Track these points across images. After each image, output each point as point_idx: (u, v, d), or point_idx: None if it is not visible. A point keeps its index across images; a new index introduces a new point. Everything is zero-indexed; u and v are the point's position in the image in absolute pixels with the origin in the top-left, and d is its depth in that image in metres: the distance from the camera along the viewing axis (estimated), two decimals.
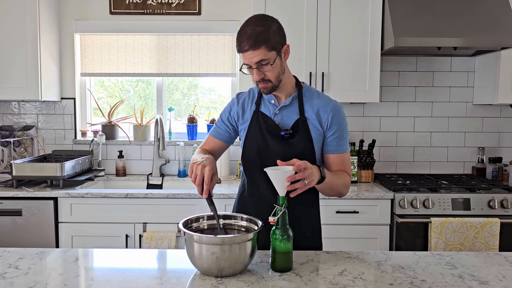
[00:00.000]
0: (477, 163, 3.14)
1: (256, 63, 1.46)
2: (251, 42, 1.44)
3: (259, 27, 1.45)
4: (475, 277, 1.31)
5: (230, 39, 3.16)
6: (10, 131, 3.12)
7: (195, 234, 1.25)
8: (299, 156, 1.52)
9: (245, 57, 1.47)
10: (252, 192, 1.65)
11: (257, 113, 1.63)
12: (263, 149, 1.59)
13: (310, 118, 1.58)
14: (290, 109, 1.60)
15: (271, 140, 1.58)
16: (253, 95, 1.68)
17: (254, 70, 1.49)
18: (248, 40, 1.44)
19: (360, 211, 2.56)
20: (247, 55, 1.46)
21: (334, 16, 2.74)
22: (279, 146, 1.57)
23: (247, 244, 1.26)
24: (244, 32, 1.46)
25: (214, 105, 3.37)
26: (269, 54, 1.46)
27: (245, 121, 1.66)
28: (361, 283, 1.25)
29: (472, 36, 2.60)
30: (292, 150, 1.56)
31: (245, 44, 1.45)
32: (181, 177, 3.10)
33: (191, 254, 1.28)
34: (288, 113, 1.60)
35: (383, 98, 3.14)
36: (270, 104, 1.62)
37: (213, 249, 1.23)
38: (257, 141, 1.61)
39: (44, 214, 2.54)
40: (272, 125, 1.59)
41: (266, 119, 1.61)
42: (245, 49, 1.45)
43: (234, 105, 1.69)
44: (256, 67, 1.48)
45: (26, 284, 1.22)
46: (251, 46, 1.44)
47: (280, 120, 1.60)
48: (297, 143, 1.57)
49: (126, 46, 3.18)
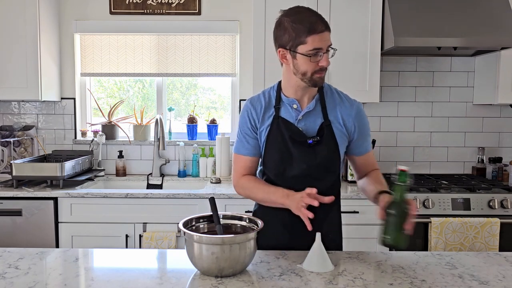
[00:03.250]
0: (477, 163, 3.14)
1: (329, 46, 1.41)
2: (326, 23, 1.39)
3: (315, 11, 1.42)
4: (475, 277, 1.30)
5: (230, 39, 3.16)
6: (10, 131, 3.12)
7: (195, 234, 1.25)
8: (324, 163, 1.50)
9: (320, 40, 1.38)
10: None
11: (277, 119, 1.52)
12: (286, 158, 1.50)
13: (335, 121, 1.51)
14: (314, 114, 1.51)
15: (295, 148, 1.49)
16: (269, 99, 1.56)
17: (324, 55, 1.41)
18: (321, 20, 1.39)
19: (360, 211, 2.56)
20: (323, 37, 1.39)
21: (334, 16, 2.74)
22: (304, 154, 1.49)
23: (247, 244, 1.26)
24: (313, 13, 1.40)
25: (214, 105, 3.37)
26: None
27: (264, 127, 1.54)
28: (361, 283, 1.25)
29: (472, 36, 2.60)
30: (317, 157, 1.49)
31: (321, 25, 1.38)
32: (181, 177, 3.10)
33: (191, 254, 1.28)
34: (312, 118, 1.51)
35: (383, 98, 3.14)
36: (292, 108, 1.52)
37: (213, 249, 1.23)
38: (279, 149, 1.51)
39: (44, 214, 2.54)
40: (296, 132, 1.49)
41: (288, 126, 1.50)
42: (322, 30, 1.38)
43: (251, 113, 1.56)
44: (327, 50, 1.41)
45: (26, 284, 1.22)
46: (327, 26, 1.39)
47: (304, 126, 1.51)
48: (323, 149, 1.49)
49: (126, 46, 3.18)
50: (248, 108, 1.57)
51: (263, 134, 1.54)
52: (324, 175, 1.53)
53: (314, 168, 1.50)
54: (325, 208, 1.53)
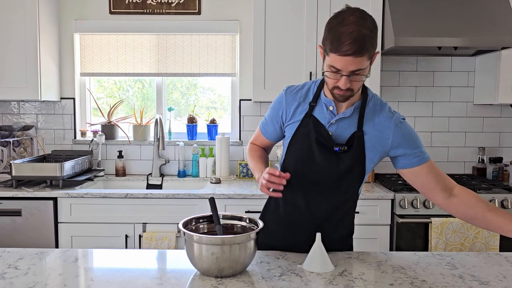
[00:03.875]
0: (477, 163, 3.14)
1: (351, 71, 1.26)
2: (356, 47, 1.21)
3: (365, 29, 1.23)
4: (476, 277, 1.30)
5: (230, 39, 3.15)
6: (9, 131, 3.11)
7: (195, 234, 1.25)
8: (346, 173, 1.43)
9: (341, 62, 1.25)
10: (286, 200, 1.51)
11: (309, 117, 1.44)
12: (307, 161, 1.44)
13: (369, 133, 1.42)
14: (348, 121, 1.43)
15: (319, 152, 1.42)
16: (307, 93, 1.48)
17: (343, 78, 1.27)
18: (353, 43, 1.21)
19: (360, 211, 2.55)
20: (346, 60, 1.24)
21: None
22: (327, 160, 1.42)
23: (247, 245, 1.26)
24: (348, 32, 1.22)
25: (214, 105, 3.36)
26: (366, 63, 1.27)
27: (293, 122, 1.47)
28: (361, 283, 1.25)
29: (472, 36, 2.59)
30: (341, 166, 1.42)
31: (348, 47, 1.21)
32: (181, 177, 3.10)
33: (191, 255, 1.27)
34: (345, 125, 1.42)
35: (383, 98, 3.12)
36: (327, 110, 1.43)
37: (213, 249, 1.23)
38: (302, 150, 1.44)
39: (43, 214, 2.54)
40: (324, 136, 1.41)
41: (318, 127, 1.42)
42: (348, 53, 1.22)
43: (282, 103, 1.50)
44: (348, 75, 1.27)
45: (26, 285, 1.22)
46: (355, 51, 1.22)
47: (334, 131, 1.43)
48: (348, 159, 1.41)
49: (125, 46, 3.18)
50: (282, 98, 1.52)
51: (292, 129, 1.48)
52: (343, 186, 1.46)
53: (334, 177, 1.44)
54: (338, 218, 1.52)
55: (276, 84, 2.77)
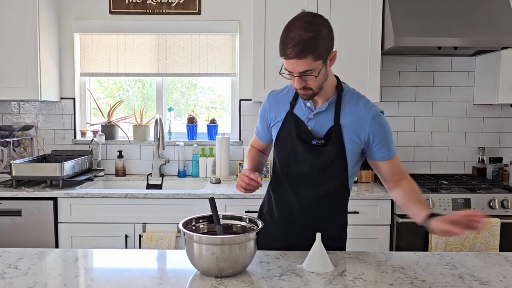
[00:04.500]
0: (477, 163, 3.14)
1: (300, 72, 1.36)
2: (297, 50, 1.31)
3: (307, 33, 1.31)
4: (476, 277, 1.30)
5: (230, 39, 3.15)
6: (9, 131, 3.11)
7: (195, 234, 1.25)
8: (329, 165, 1.50)
9: (288, 64, 1.37)
10: (278, 199, 1.61)
11: (290, 115, 1.54)
12: (292, 156, 1.53)
13: (346, 126, 1.48)
14: (325, 115, 1.50)
15: (301, 147, 1.50)
16: (287, 94, 1.59)
17: (296, 78, 1.39)
18: (294, 47, 1.31)
19: (360, 211, 2.56)
20: (291, 63, 1.35)
21: (334, 16, 2.74)
22: (309, 154, 1.50)
23: (247, 245, 1.26)
24: (291, 37, 1.32)
25: (214, 105, 3.36)
26: (314, 64, 1.35)
27: (277, 122, 1.58)
28: (361, 283, 1.25)
29: (472, 36, 2.59)
30: (322, 159, 1.49)
31: (290, 50, 1.32)
32: (181, 177, 3.10)
33: (190, 255, 1.28)
34: (322, 119, 1.50)
35: (383, 98, 3.13)
36: (306, 107, 1.52)
37: (213, 249, 1.23)
38: (286, 146, 1.54)
39: (43, 214, 2.54)
40: (304, 131, 1.51)
41: (298, 124, 1.52)
42: (290, 56, 1.33)
43: (266, 107, 1.63)
44: (298, 75, 1.37)
45: (26, 284, 1.22)
46: (296, 54, 1.31)
47: (313, 126, 1.51)
48: (328, 151, 1.49)
49: (125, 46, 3.18)
50: (265, 102, 1.65)
51: (276, 128, 1.58)
52: (328, 178, 1.52)
53: (317, 169, 1.51)
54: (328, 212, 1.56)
55: (276, 84, 2.76)
